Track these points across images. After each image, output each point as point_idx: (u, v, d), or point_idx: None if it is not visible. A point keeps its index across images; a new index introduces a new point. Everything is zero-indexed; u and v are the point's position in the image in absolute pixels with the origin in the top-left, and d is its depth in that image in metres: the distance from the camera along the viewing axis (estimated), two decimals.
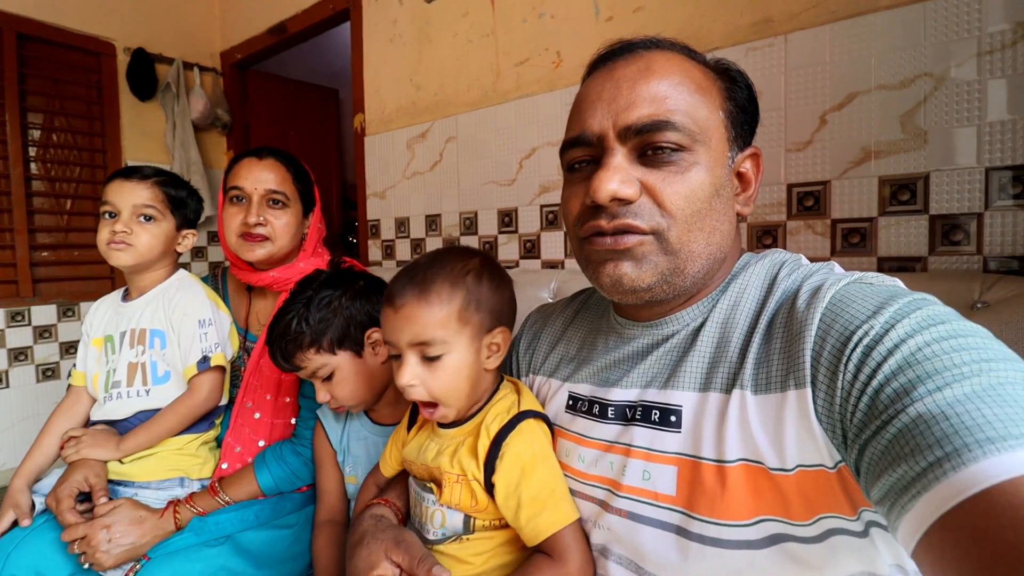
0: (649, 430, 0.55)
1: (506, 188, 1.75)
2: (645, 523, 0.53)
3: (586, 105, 0.56)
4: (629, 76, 0.53)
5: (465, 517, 0.65)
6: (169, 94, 2.67)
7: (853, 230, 1.16)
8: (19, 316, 2.34)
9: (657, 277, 0.53)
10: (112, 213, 0.99)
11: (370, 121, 2.20)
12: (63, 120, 2.46)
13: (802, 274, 0.54)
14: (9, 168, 2.29)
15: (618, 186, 0.51)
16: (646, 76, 0.53)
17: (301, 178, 1.10)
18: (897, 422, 0.38)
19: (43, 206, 2.42)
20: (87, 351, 1.06)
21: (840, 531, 0.46)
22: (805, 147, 1.20)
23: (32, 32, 2.32)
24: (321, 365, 0.80)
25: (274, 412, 1.02)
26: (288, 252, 1.07)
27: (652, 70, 0.53)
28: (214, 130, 2.89)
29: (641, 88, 0.52)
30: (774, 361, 0.49)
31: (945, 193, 1.06)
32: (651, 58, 0.54)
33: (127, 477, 0.96)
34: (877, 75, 1.11)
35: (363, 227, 2.27)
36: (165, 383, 0.99)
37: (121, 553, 0.85)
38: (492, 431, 0.63)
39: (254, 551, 0.89)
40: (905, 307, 0.43)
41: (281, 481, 0.95)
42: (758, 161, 0.59)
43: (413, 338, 0.61)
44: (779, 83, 1.22)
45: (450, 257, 0.65)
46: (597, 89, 0.55)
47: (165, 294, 1.03)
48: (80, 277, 2.54)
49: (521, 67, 1.69)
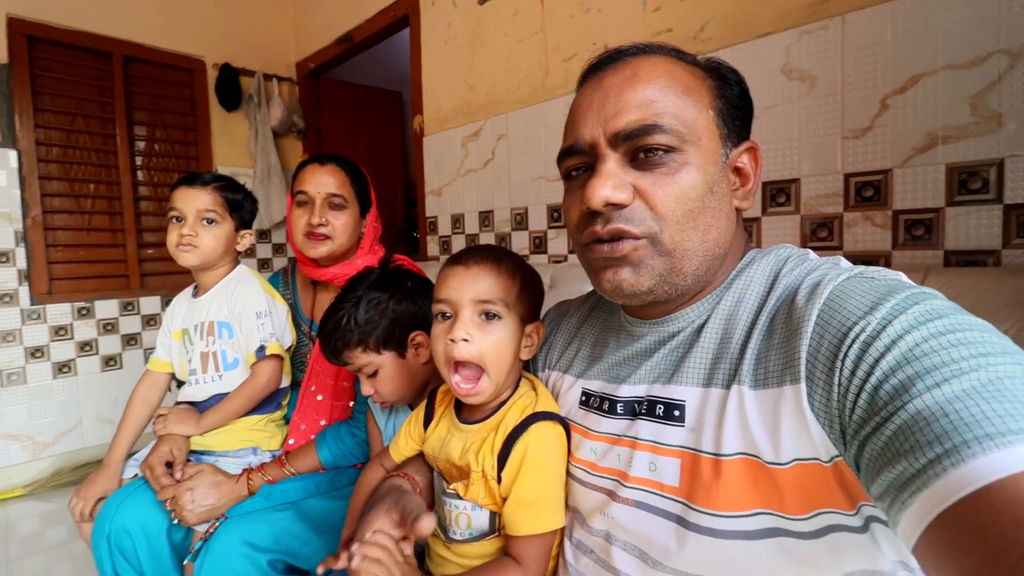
0: (654, 424, 0.57)
1: (555, 184, 1.78)
2: (650, 511, 0.55)
3: (578, 115, 0.58)
4: (616, 84, 0.55)
5: (491, 516, 0.68)
6: (252, 104, 2.92)
7: (917, 222, 1.09)
8: (130, 306, 2.67)
9: (655, 279, 0.54)
10: (179, 218, 1.10)
11: (428, 122, 2.30)
12: (163, 131, 2.76)
13: (805, 269, 0.54)
14: (119, 176, 2.61)
15: (610, 192, 0.53)
16: (632, 83, 0.54)
17: (359, 181, 1.19)
18: (896, 419, 0.38)
19: (148, 209, 2.74)
20: (169, 342, 1.21)
21: (839, 527, 0.46)
22: (864, 134, 1.14)
23: (135, 54, 2.63)
24: (367, 363, 0.84)
25: (334, 395, 1.13)
26: (347, 249, 1.17)
27: (638, 76, 0.55)
28: (291, 135, 3.12)
29: (628, 95, 0.54)
30: (772, 357, 0.49)
31: (1022, 181, 0.97)
32: (638, 64, 0.56)
33: (209, 448, 1.11)
34: (945, 54, 1.03)
35: (422, 223, 2.38)
36: (235, 368, 1.13)
37: (202, 512, 0.99)
38: (507, 430, 0.66)
39: (314, 518, 0.99)
40: (903, 302, 0.43)
41: (338, 457, 1.06)
42: (755, 155, 0.59)
43: (479, 295, 0.64)
44: (835, 67, 1.16)
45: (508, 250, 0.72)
46: (587, 99, 0.57)
47: (227, 288, 1.15)
48: (178, 271, 2.84)
49: (569, 63, 1.71)
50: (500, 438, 0.66)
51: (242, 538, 0.90)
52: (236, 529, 0.92)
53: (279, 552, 0.92)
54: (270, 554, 0.91)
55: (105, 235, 2.61)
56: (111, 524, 1.01)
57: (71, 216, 2.51)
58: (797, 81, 1.21)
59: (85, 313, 2.54)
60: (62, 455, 2.48)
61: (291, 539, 0.94)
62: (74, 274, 2.53)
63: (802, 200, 1.23)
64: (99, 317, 2.58)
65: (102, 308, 2.59)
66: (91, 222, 2.56)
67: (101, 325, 2.59)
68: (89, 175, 2.54)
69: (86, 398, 2.56)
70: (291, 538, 0.94)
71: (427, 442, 0.75)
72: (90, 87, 2.52)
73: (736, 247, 0.60)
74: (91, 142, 2.55)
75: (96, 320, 2.58)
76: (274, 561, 0.91)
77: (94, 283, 2.58)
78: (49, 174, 2.43)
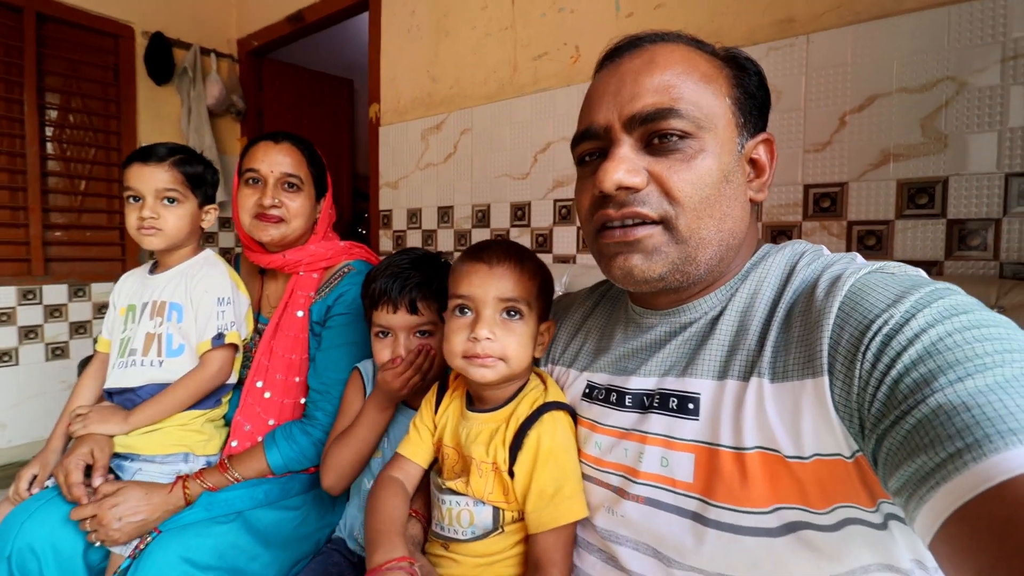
0: (667, 417, 0.55)
1: (520, 182, 1.75)
2: (663, 509, 0.54)
3: (594, 100, 0.57)
4: (634, 69, 0.55)
5: (495, 512, 0.65)
6: (185, 79, 2.68)
7: (869, 232, 1.15)
8: (31, 294, 2.36)
9: (668, 267, 0.53)
10: (136, 197, 1.00)
11: (385, 111, 2.21)
12: (79, 101, 2.48)
13: (822, 263, 0.54)
14: (26, 147, 2.31)
15: (623, 175, 0.52)
16: (650, 68, 0.54)
17: (315, 163, 1.10)
18: (917, 412, 0.37)
19: (57, 186, 2.44)
20: (114, 318, 1.07)
21: (856, 521, 0.46)
22: (823, 148, 1.19)
23: (51, 12, 2.34)
24: (430, 322, 0.85)
25: (284, 392, 1.03)
26: (300, 235, 1.08)
27: (656, 62, 0.54)
28: (228, 116, 2.90)
29: (645, 80, 0.53)
30: (792, 350, 0.49)
31: (963, 198, 1.06)
32: (655, 51, 0.55)
33: (132, 450, 0.96)
34: (899, 78, 1.10)
35: (375, 217, 2.28)
36: (178, 356, 0.99)
37: (132, 529, 0.85)
38: (519, 421, 0.65)
39: (262, 530, 0.89)
40: (926, 296, 0.43)
41: (290, 460, 0.96)
42: (771, 147, 0.58)
43: (503, 293, 0.64)
44: (799, 83, 1.21)
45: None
46: (604, 84, 0.57)
47: (189, 270, 1.04)
48: (92, 258, 2.56)
49: (539, 61, 1.70)
50: (511, 430, 0.64)
51: (180, 555, 0.79)
52: (172, 544, 0.80)
53: (223, 570, 0.82)
54: (212, 572, 0.80)
55: (3, 212, 2.30)
56: (14, 542, 0.85)
57: None
58: None
59: None
60: None
61: (237, 554, 0.84)
62: None
63: (765, 208, 1.27)
64: None
65: None
66: None
67: None
68: None
69: None
70: (237, 553, 0.84)
71: (437, 428, 0.73)
72: None
73: (750, 239, 0.59)
74: None
75: None
76: None
77: None
78: None
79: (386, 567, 0.57)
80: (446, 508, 0.68)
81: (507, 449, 0.64)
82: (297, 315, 1.05)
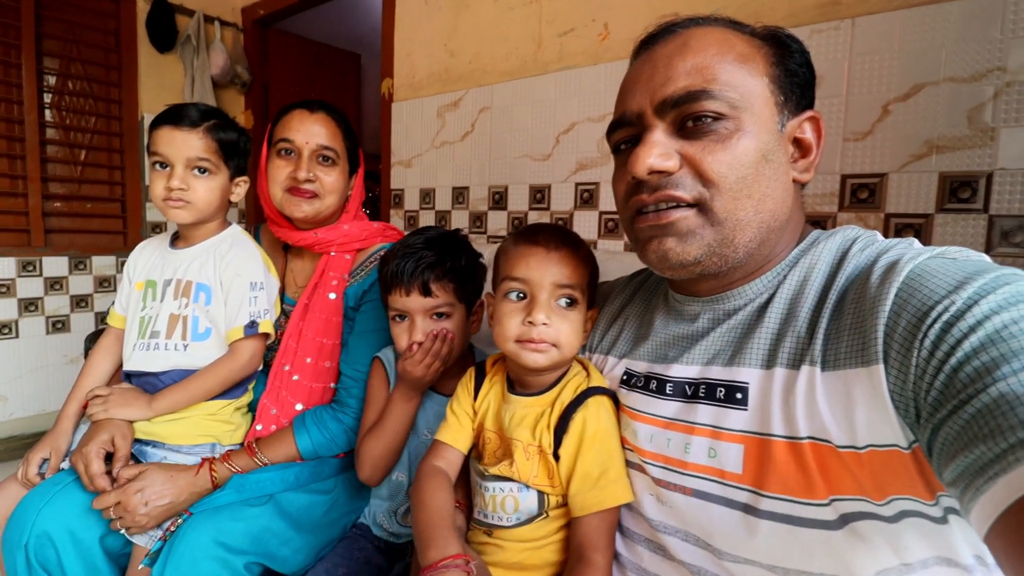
0: (714, 408, 0.54)
1: (540, 163, 1.71)
2: (712, 501, 0.53)
3: (627, 88, 0.58)
4: (667, 54, 0.54)
5: (540, 497, 0.65)
6: (188, 47, 2.59)
7: (907, 225, 1.13)
8: (30, 266, 2.30)
9: (703, 250, 0.52)
10: (163, 164, 0.93)
11: (399, 87, 2.14)
12: (79, 67, 2.39)
13: (876, 249, 0.52)
14: (24, 114, 2.23)
15: (655, 159, 0.52)
16: (682, 52, 0.53)
17: (349, 136, 1.05)
18: (977, 402, 0.36)
19: (57, 155, 2.36)
20: (130, 293, 1.01)
21: (914, 514, 0.44)
22: (864, 137, 1.16)
23: None
24: (447, 303, 0.82)
25: (314, 376, 1.00)
26: (333, 212, 1.04)
27: (689, 46, 0.54)
28: (233, 88, 2.82)
29: (678, 64, 0.53)
30: (844, 337, 0.47)
31: (1007, 193, 1.04)
32: (689, 35, 0.55)
33: (158, 438, 0.92)
34: (948, 66, 1.07)
35: (386, 196, 2.23)
36: (205, 340, 0.95)
37: (159, 513, 0.83)
38: (563, 405, 0.64)
39: (294, 514, 0.88)
40: (992, 282, 0.41)
41: (320, 447, 0.94)
42: (818, 125, 0.56)
43: (560, 279, 0.63)
44: (842, 69, 1.18)
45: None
46: (637, 71, 0.57)
47: (217, 249, 0.97)
48: (92, 230, 2.50)
49: (565, 37, 1.64)
50: (556, 413, 0.64)
51: (213, 538, 0.77)
52: (206, 527, 0.78)
53: (256, 554, 0.80)
54: (247, 556, 0.79)
55: (2, 181, 2.23)
56: (31, 530, 0.81)
57: None
58: None
59: None
60: None
61: (270, 538, 0.82)
62: None
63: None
64: None
65: None
66: None
67: None
68: None
69: None
70: (270, 536, 0.83)
71: (477, 414, 0.73)
72: None
73: (795, 222, 0.58)
74: None
75: None
76: (250, 564, 0.79)
77: None
78: None
79: (441, 565, 0.56)
80: (489, 495, 0.67)
81: (552, 432, 0.63)
82: (329, 297, 1.01)
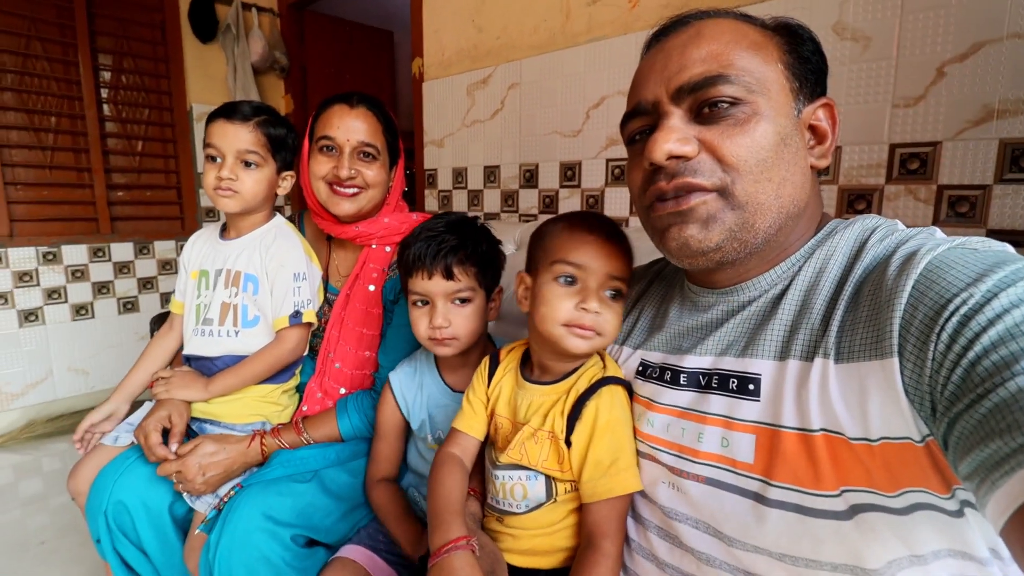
0: (727, 398, 0.54)
1: (570, 140, 1.69)
2: (724, 489, 0.54)
3: (641, 79, 0.57)
4: (680, 44, 0.54)
5: (547, 483, 0.67)
6: (229, 36, 2.66)
7: (962, 198, 1.06)
8: (100, 252, 2.49)
9: (725, 235, 0.52)
10: (215, 157, 0.98)
11: (428, 65, 2.14)
12: (131, 61, 2.50)
13: (896, 239, 0.50)
14: (84, 109, 2.38)
15: (674, 144, 0.51)
16: (696, 41, 0.53)
17: (390, 128, 1.07)
18: (994, 396, 0.35)
19: (116, 147, 2.51)
20: (186, 281, 1.08)
21: (928, 507, 0.44)
22: (916, 103, 1.08)
23: None
24: (469, 288, 0.83)
25: (355, 364, 1.05)
26: (375, 205, 1.06)
27: (703, 34, 0.54)
28: (272, 73, 2.89)
29: (692, 51, 0.53)
30: (859, 329, 0.46)
31: None
32: (701, 25, 0.55)
33: (214, 416, 1.02)
34: (1013, 21, 0.97)
35: (420, 176, 2.26)
36: (254, 327, 1.02)
37: (215, 479, 0.92)
38: (578, 393, 0.65)
39: (336, 491, 0.94)
40: (1012, 274, 0.39)
41: (359, 430, 1.00)
42: (832, 111, 0.56)
43: (615, 271, 0.64)
44: (892, 28, 1.09)
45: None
46: (650, 62, 0.57)
47: (263, 240, 1.02)
48: (152, 217, 2.66)
49: (593, 7, 1.59)
50: (571, 401, 0.65)
51: (263, 512, 0.84)
52: (256, 501, 0.86)
53: (301, 527, 0.87)
54: (293, 529, 0.86)
55: (70, 174, 2.40)
56: (108, 498, 0.93)
57: (31, 152, 2.29)
58: (850, 41, 1.14)
59: (51, 258, 2.37)
60: (33, 407, 2.37)
61: (314, 512, 0.89)
62: (37, 216, 2.33)
63: (842, 169, 1.18)
64: (67, 263, 2.41)
65: (70, 253, 2.41)
66: (53, 159, 2.34)
67: (69, 271, 2.42)
68: (50, 106, 2.31)
69: (56, 348, 2.42)
70: (314, 511, 0.89)
71: (489, 400, 0.74)
72: (47, 5, 2.25)
73: (812, 210, 0.57)
74: (50, 69, 2.30)
75: (64, 266, 2.40)
76: (296, 536, 0.86)
77: (59, 226, 2.39)
78: (4, 103, 2.19)
79: (444, 551, 0.59)
80: (499, 483, 0.69)
81: (565, 419, 0.65)
82: (369, 289, 1.05)
